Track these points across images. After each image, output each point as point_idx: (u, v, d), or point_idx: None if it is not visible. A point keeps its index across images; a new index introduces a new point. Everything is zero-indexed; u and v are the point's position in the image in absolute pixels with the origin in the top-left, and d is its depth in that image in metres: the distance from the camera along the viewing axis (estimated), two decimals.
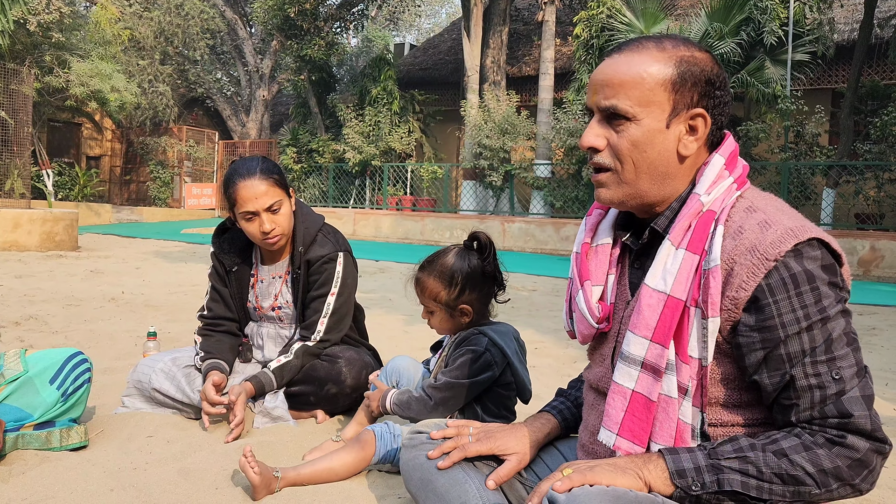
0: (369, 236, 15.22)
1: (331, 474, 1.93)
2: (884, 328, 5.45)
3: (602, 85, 1.26)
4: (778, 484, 1.12)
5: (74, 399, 2.16)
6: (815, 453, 1.11)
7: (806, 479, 1.11)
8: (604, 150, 1.27)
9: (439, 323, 2.15)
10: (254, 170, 2.43)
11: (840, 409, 1.12)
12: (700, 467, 1.14)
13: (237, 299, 2.65)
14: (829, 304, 1.14)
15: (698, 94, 1.24)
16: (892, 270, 9.99)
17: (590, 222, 1.44)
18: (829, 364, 1.13)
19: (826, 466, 1.10)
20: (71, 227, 10.09)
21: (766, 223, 1.18)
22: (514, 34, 18.23)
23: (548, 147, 14.28)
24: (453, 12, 36.94)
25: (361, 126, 16.40)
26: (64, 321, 4.44)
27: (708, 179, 1.24)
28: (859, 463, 1.11)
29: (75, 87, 15.58)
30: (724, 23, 11.46)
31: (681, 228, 1.23)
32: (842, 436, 1.11)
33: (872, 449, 1.11)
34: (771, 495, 1.12)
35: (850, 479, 1.11)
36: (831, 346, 1.14)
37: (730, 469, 1.13)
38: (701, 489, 1.13)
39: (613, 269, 1.37)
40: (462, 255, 2.09)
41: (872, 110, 12.41)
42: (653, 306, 1.21)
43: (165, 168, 20.83)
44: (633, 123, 1.23)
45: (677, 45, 1.26)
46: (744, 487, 1.12)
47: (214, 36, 21.20)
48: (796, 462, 1.11)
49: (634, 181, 1.26)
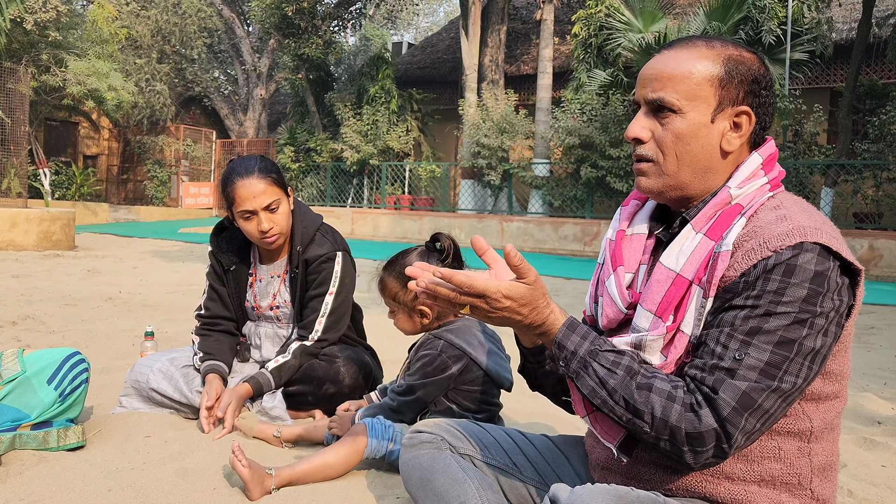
0: (367, 235, 15.21)
1: (326, 469, 1.93)
2: (882, 327, 5.45)
3: (651, 79, 1.29)
4: (621, 406, 1.17)
5: (72, 399, 2.15)
6: (671, 406, 1.14)
7: (646, 416, 1.15)
8: (648, 141, 1.30)
9: (402, 323, 2.20)
10: (252, 169, 2.42)
11: (716, 384, 1.13)
12: (577, 353, 1.21)
13: (235, 298, 2.64)
14: (787, 302, 1.13)
15: (744, 91, 1.27)
16: (890, 269, 10.00)
17: (626, 211, 1.45)
18: (741, 344, 1.14)
19: (671, 421, 1.13)
20: (68, 226, 10.07)
21: (784, 217, 1.20)
22: (513, 33, 18.23)
23: (546, 146, 14.28)
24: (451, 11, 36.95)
25: (359, 125, 16.39)
26: (61, 321, 4.43)
27: (742, 175, 1.28)
28: (697, 436, 1.12)
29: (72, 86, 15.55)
30: (723, 22, 11.46)
31: (704, 215, 1.26)
32: (700, 404, 1.13)
33: (715, 434, 1.11)
34: (611, 411, 1.18)
35: (680, 444, 1.13)
36: (756, 333, 1.13)
37: (594, 372, 1.19)
38: (564, 367, 1.22)
39: (646, 259, 1.38)
40: (422, 256, 2.14)
41: (871, 109, 12.43)
42: (661, 282, 1.25)
43: (163, 167, 20.78)
44: (678, 116, 1.26)
45: (726, 45, 1.30)
46: (591, 394, 1.20)
47: (212, 34, 21.16)
48: (651, 401, 1.15)
49: (676, 173, 1.28)
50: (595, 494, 1.10)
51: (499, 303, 1.17)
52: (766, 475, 1.22)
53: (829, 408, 1.25)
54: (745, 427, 1.12)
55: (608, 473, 1.36)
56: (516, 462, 1.55)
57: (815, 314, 1.13)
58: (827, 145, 12.35)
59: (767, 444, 1.22)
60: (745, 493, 1.23)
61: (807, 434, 1.23)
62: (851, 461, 2.31)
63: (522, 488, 1.53)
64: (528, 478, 1.53)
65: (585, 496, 1.09)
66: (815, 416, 1.23)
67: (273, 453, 2.17)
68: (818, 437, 1.24)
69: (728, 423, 1.11)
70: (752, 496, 1.23)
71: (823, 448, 1.25)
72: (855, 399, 3.16)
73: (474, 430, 1.59)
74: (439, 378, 2.10)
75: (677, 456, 1.15)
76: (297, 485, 1.90)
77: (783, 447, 1.22)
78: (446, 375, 2.10)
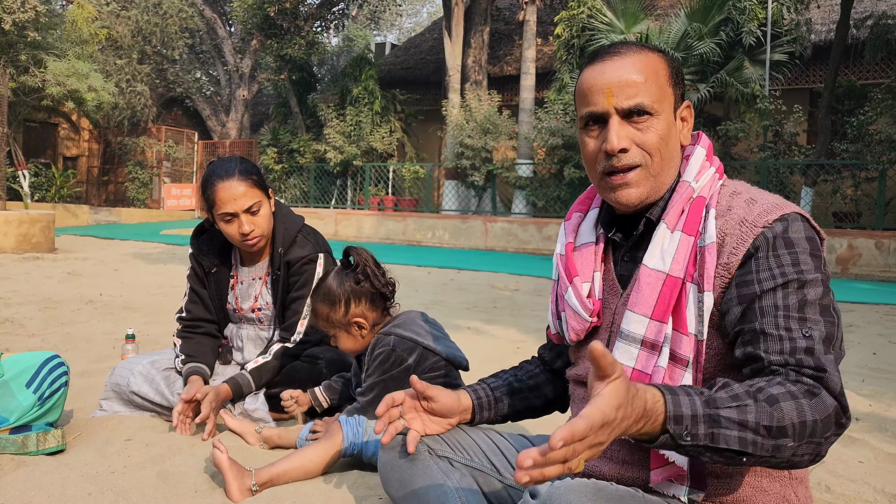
0: (351, 237, 15.18)
1: (306, 466, 1.94)
2: (861, 325, 5.52)
3: (621, 86, 1.26)
4: (764, 437, 1.03)
5: (51, 403, 2.13)
6: (800, 403, 1.05)
7: (789, 430, 1.03)
8: (631, 149, 1.28)
9: (344, 343, 2.25)
10: (232, 171, 2.41)
11: (816, 361, 1.10)
12: (697, 416, 1.02)
13: (216, 301, 2.63)
14: (808, 270, 1.18)
15: (682, 88, 1.34)
16: (868, 268, 10.13)
17: (570, 226, 1.48)
18: (800, 322, 1.14)
19: (808, 418, 1.04)
20: (47, 228, 9.97)
21: (752, 200, 1.26)
22: (496, 34, 18.26)
23: (529, 146, 14.32)
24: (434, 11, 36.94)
25: (343, 126, 16.34)
26: (41, 324, 4.38)
27: (694, 168, 1.32)
28: (828, 421, 1.06)
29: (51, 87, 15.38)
30: (704, 23, 11.55)
31: (675, 213, 1.29)
32: (817, 388, 1.08)
33: (837, 411, 1.08)
34: (760, 450, 1.03)
35: (819, 437, 1.06)
36: (805, 307, 1.15)
37: (728, 421, 1.02)
38: (691, 440, 1.02)
39: (599, 267, 1.40)
40: (339, 275, 2.21)
41: (849, 110, 12.57)
42: (652, 285, 1.26)
43: (144, 168, 20.61)
44: (655, 118, 1.28)
45: (653, 47, 1.35)
46: (741, 444, 1.02)
47: (193, 35, 21.02)
48: (785, 411, 1.03)
49: (660, 173, 1.31)
50: (573, 488, 1.10)
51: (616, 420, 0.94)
52: None
53: None
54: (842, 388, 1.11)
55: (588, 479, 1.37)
56: (495, 462, 1.55)
57: (827, 275, 1.20)
58: (807, 145, 12.48)
59: None
60: (727, 485, 1.25)
61: None
62: (829, 457, 2.33)
63: (502, 489, 1.54)
64: (507, 478, 1.54)
65: (564, 490, 1.10)
66: None
67: (253, 456, 2.16)
68: None
69: (842, 395, 1.10)
70: (734, 486, 1.25)
71: None
72: None
73: (452, 432, 1.60)
74: (397, 372, 2.15)
75: (815, 454, 1.07)
76: (277, 483, 1.90)
77: None
78: (404, 367, 2.15)
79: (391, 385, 2.15)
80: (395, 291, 2.27)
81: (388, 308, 2.27)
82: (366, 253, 2.23)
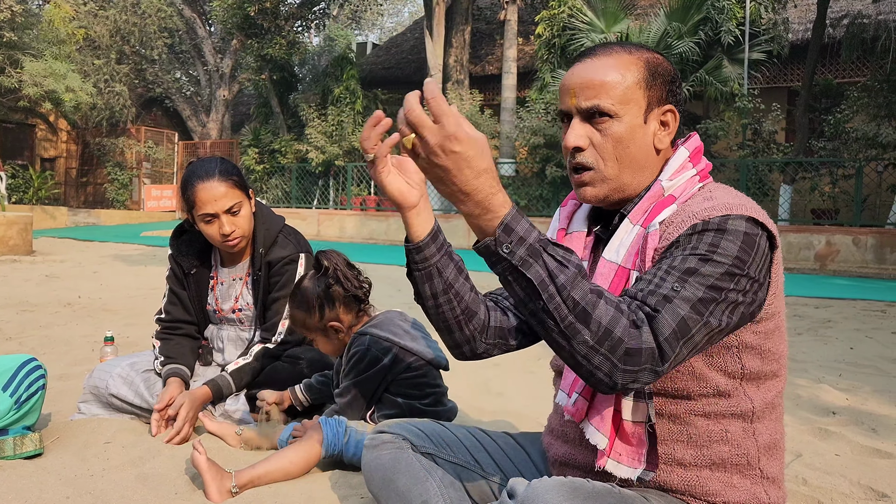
0: (334, 237, 15.13)
1: (287, 467, 1.93)
2: (838, 321, 5.59)
3: (582, 87, 1.31)
4: (567, 308, 1.06)
5: (28, 406, 2.11)
6: (619, 317, 1.07)
7: (592, 324, 1.06)
8: (587, 148, 1.32)
9: (323, 346, 2.27)
10: (212, 171, 2.39)
11: (656, 304, 1.11)
12: (525, 240, 1.07)
13: (196, 302, 2.61)
14: (722, 254, 1.15)
15: (666, 91, 1.34)
16: (846, 264, 10.26)
17: (565, 212, 1.49)
18: (677, 280, 1.13)
19: (615, 332, 1.06)
20: (25, 230, 9.85)
21: (710, 198, 1.25)
22: (477, 33, 18.29)
23: (511, 146, 14.36)
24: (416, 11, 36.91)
25: (324, 126, 16.29)
26: (18, 327, 4.33)
27: (671, 168, 1.33)
28: (637, 353, 1.06)
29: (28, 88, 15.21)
30: (683, 22, 11.65)
31: (640, 209, 1.30)
32: (642, 322, 1.09)
33: (651, 353, 1.07)
34: (555, 311, 1.06)
35: (617, 359, 1.06)
36: (693, 274, 1.14)
37: (544, 263, 1.07)
38: (508, 254, 1.07)
39: (587, 256, 1.41)
40: (313, 280, 2.22)
41: (826, 108, 12.74)
42: (605, 275, 1.28)
43: (123, 169, 20.41)
44: (615, 121, 1.29)
45: (641, 49, 1.35)
46: (540, 285, 1.06)
47: (172, 35, 20.85)
48: (599, 307, 1.06)
49: (617, 175, 1.31)
50: (550, 487, 1.11)
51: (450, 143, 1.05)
52: (716, 458, 1.26)
53: (770, 387, 1.30)
54: (678, 354, 1.10)
55: (566, 469, 1.39)
56: (478, 459, 1.56)
57: (743, 274, 1.15)
58: (785, 143, 12.62)
59: (714, 427, 1.26)
60: (697, 478, 1.27)
61: (749, 415, 1.28)
62: (806, 451, 2.37)
63: (485, 485, 1.54)
64: (490, 474, 1.55)
65: (541, 489, 1.11)
66: (756, 397, 1.28)
67: (233, 457, 2.15)
68: (760, 416, 1.29)
69: (666, 343, 1.08)
70: (704, 481, 1.27)
71: (767, 427, 1.30)
72: (811, 390, 3.24)
73: (436, 429, 1.60)
74: (373, 372, 2.14)
75: (606, 373, 1.07)
76: (258, 485, 1.89)
77: (729, 429, 1.27)
78: (379, 368, 2.14)
79: (367, 385, 2.15)
80: (369, 293, 2.27)
81: (363, 309, 2.27)
82: (336, 256, 2.22)
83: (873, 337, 4.87)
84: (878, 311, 6.26)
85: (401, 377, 2.18)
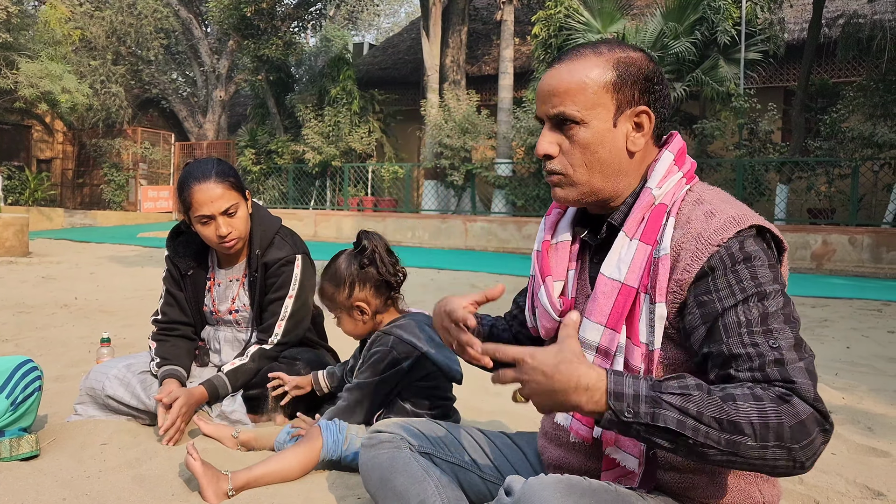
0: (330, 237, 15.12)
1: (284, 470, 1.93)
2: (835, 320, 5.60)
3: (549, 94, 1.31)
4: (715, 429, 1.04)
5: (24, 408, 2.10)
6: (763, 404, 1.05)
7: (746, 428, 1.04)
8: (557, 155, 1.32)
9: (346, 325, 2.24)
10: (209, 172, 2.39)
11: (783, 374, 1.09)
12: (639, 395, 1.06)
13: (193, 303, 2.61)
14: (766, 282, 1.17)
15: (639, 91, 1.30)
16: (843, 264, 10.28)
17: (549, 221, 1.49)
18: (765, 335, 1.13)
19: (771, 420, 1.04)
20: (21, 232, 9.83)
21: (711, 213, 1.24)
22: (474, 33, 18.29)
23: (508, 146, 14.36)
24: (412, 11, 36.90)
25: (321, 126, 16.27)
26: (14, 329, 4.32)
27: (659, 174, 1.31)
28: (802, 427, 1.04)
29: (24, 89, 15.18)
30: (679, 22, 11.65)
31: (634, 221, 1.29)
32: (788, 395, 1.07)
33: (815, 418, 1.06)
34: (706, 440, 1.04)
35: (790, 442, 1.04)
36: (767, 319, 1.15)
37: (669, 405, 1.05)
38: (633, 417, 1.05)
39: (573, 265, 1.41)
40: (349, 257, 2.20)
41: (822, 108, 12.75)
42: (607, 293, 1.27)
43: (120, 171, 20.36)
44: (581, 127, 1.29)
45: (612, 49, 1.32)
46: (679, 426, 1.04)
47: (169, 35, 20.80)
48: (742, 408, 1.04)
49: (588, 181, 1.31)
50: (547, 484, 1.11)
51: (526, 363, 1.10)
52: None
53: None
54: (818, 395, 1.09)
55: (561, 472, 1.39)
56: (475, 459, 1.56)
57: (784, 284, 1.20)
58: (781, 143, 12.62)
59: None
60: (691, 480, 1.27)
61: None
62: None
63: (482, 484, 1.55)
64: (487, 474, 1.55)
65: (538, 486, 1.11)
66: None
67: (230, 458, 2.15)
68: None
69: (818, 402, 1.08)
70: (697, 483, 1.27)
71: None
72: None
73: (433, 429, 1.61)
74: (390, 374, 2.11)
75: (791, 459, 1.05)
76: (254, 487, 1.89)
77: None
78: (397, 370, 2.12)
79: (382, 388, 2.12)
80: (402, 282, 2.23)
81: (393, 298, 2.23)
82: (378, 239, 2.19)
83: (869, 336, 4.88)
84: (874, 310, 6.27)
85: (415, 384, 2.16)
